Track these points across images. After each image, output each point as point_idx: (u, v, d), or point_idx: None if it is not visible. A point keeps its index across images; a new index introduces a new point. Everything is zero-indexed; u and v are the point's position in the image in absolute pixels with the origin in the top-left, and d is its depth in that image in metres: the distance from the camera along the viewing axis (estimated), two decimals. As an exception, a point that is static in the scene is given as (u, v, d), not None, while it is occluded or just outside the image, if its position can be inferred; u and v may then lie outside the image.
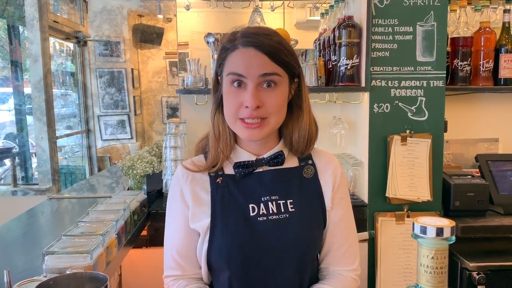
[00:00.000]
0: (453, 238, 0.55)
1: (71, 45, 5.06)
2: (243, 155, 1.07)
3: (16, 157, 4.43)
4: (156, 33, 6.19)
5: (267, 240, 0.99)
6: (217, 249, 1.00)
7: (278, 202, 1.03)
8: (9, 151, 4.55)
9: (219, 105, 1.06)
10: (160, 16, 6.19)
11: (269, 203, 1.02)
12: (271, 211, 1.02)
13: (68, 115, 5.40)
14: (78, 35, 4.81)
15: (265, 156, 1.06)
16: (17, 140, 4.64)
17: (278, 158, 1.06)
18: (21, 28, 4.47)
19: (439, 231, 0.54)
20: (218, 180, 1.05)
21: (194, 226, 1.04)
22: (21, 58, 4.56)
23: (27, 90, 4.39)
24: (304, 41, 2.50)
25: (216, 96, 1.07)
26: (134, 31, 6.13)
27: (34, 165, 4.59)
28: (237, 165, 1.05)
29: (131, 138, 6.09)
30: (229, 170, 1.07)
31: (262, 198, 1.03)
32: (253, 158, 1.06)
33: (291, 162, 1.09)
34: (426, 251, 0.55)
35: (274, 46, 0.97)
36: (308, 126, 1.06)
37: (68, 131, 5.23)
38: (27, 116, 4.49)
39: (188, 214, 1.05)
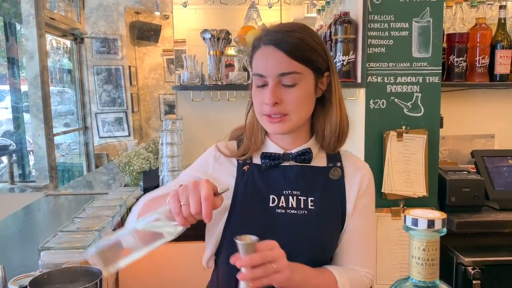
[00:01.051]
0: (444, 230, 0.55)
1: (67, 42, 5.05)
2: (272, 147, 1.09)
3: (13, 155, 4.42)
4: (153, 30, 6.18)
5: (281, 232, 1.00)
6: (233, 230, 1.01)
7: (299, 198, 1.04)
8: (6, 148, 4.55)
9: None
10: (157, 13, 6.18)
11: (290, 197, 1.04)
12: (290, 205, 1.03)
13: (65, 113, 5.40)
14: (75, 32, 4.80)
15: (292, 151, 1.07)
16: (14, 138, 4.64)
17: (305, 155, 1.06)
18: (17, 26, 4.46)
19: (431, 223, 0.54)
20: (245, 167, 1.08)
21: None
22: (18, 55, 4.55)
23: (24, 87, 4.38)
24: None
25: (251, 92, 1.10)
26: (131, 28, 6.12)
27: (31, 162, 4.59)
28: (264, 156, 1.07)
29: (128, 135, 6.10)
30: (257, 160, 1.09)
31: (284, 191, 1.04)
32: (281, 151, 1.08)
33: (320, 161, 1.09)
34: (418, 243, 0.55)
35: (293, 43, 0.98)
36: (340, 120, 1.06)
37: (66, 129, 5.22)
38: (24, 113, 4.49)
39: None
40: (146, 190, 1.98)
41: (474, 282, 1.80)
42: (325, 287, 1.00)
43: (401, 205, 1.92)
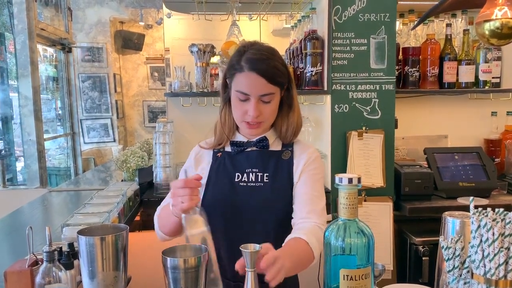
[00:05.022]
0: (360, 185, 0.85)
1: (54, 51, 5.23)
2: (239, 137, 1.40)
3: (4, 159, 4.58)
4: (137, 39, 6.42)
5: (244, 199, 1.31)
6: (209, 200, 1.34)
7: (257, 174, 1.35)
8: (-1, 152, 4.69)
9: (227, 101, 1.39)
10: (142, 23, 6.43)
11: (250, 173, 1.35)
12: (250, 180, 1.34)
13: (52, 119, 5.56)
14: (63, 41, 5.00)
15: (253, 139, 1.38)
16: (3, 143, 4.78)
17: (263, 142, 1.37)
18: (7, 34, 4.62)
19: (350, 180, 0.84)
20: (218, 154, 1.40)
21: None
22: (8, 64, 4.71)
23: (13, 94, 4.55)
24: (281, 48, 2.74)
25: (225, 95, 1.39)
26: (116, 37, 6.35)
27: (20, 167, 4.75)
28: (232, 143, 1.39)
29: (114, 141, 6.30)
30: (228, 148, 1.40)
31: (246, 170, 1.35)
32: (245, 140, 1.39)
33: (276, 146, 1.40)
34: (343, 194, 0.85)
35: (270, 72, 1.28)
36: (296, 120, 1.39)
37: (54, 134, 5.39)
38: (14, 118, 4.64)
39: (193, 171, 1.39)
40: (141, 184, 2.25)
41: (423, 258, 2.13)
42: (304, 255, 1.20)
43: (363, 195, 2.23)
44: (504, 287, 0.84)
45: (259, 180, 1.34)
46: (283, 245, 1.23)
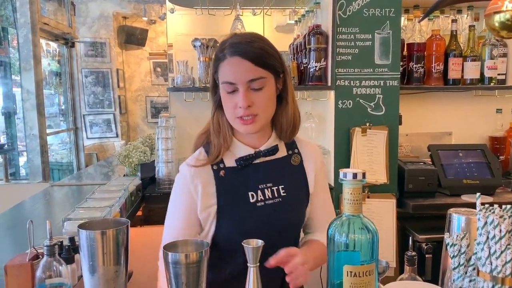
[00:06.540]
0: (364, 180, 0.83)
1: (57, 46, 5.22)
2: (243, 148, 1.21)
3: (7, 154, 4.59)
4: (140, 34, 6.40)
5: (266, 221, 1.17)
6: (226, 230, 1.18)
7: (272, 188, 1.19)
8: (1, 147, 4.70)
9: (218, 104, 1.21)
10: (145, 18, 6.41)
11: (265, 190, 1.19)
12: (267, 197, 1.19)
13: (55, 114, 5.56)
14: (66, 36, 4.98)
15: (262, 149, 1.21)
16: (6, 137, 4.79)
17: (273, 151, 1.22)
18: (10, 29, 4.62)
19: (355, 175, 0.82)
20: (221, 173, 1.19)
21: (202, 215, 1.19)
22: (10, 58, 4.71)
23: (16, 89, 4.55)
24: (285, 43, 2.73)
25: (216, 97, 1.22)
26: (119, 32, 6.33)
27: (22, 162, 4.76)
28: (240, 159, 1.20)
29: (117, 136, 6.30)
30: (229, 163, 1.20)
31: (259, 186, 1.19)
32: (252, 151, 1.21)
33: (281, 151, 1.25)
34: (347, 189, 0.84)
35: (256, 53, 1.11)
36: (293, 114, 1.22)
37: (57, 129, 5.39)
38: (17, 113, 4.65)
39: (197, 205, 1.19)
40: (143, 179, 2.24)
41: (426, 256, 2.11)
42: (323, 253, 1.11)
43: (366, 191, 2.21)
44: (511, 285, 0.83)
45: (276, 195, 1.20)
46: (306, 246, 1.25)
